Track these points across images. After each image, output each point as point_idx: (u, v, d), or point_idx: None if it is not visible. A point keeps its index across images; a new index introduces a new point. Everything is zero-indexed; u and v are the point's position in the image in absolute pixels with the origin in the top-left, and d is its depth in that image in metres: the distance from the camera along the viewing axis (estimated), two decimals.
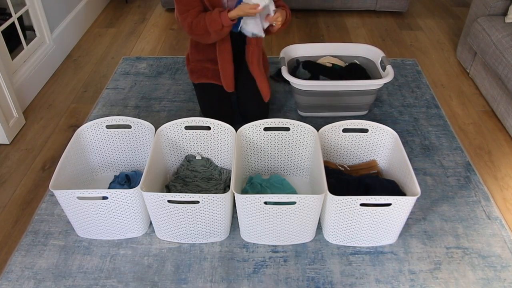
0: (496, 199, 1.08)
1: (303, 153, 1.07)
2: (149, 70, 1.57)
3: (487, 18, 1.42)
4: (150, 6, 2.08)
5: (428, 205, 1.05)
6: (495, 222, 1.01)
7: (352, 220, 0.89)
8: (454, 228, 0.99)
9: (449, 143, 1.24)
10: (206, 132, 1.06)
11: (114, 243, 0.96)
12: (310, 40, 1.79)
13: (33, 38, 1.48)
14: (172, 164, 1.11)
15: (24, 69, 1.40)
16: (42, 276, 0.89)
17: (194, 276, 0.89)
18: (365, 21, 1.94)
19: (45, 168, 1.17)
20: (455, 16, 1.99)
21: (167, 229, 0.93)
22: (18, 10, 1.40)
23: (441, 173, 1.14)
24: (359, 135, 1.06)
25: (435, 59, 1.66)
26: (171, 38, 1.81)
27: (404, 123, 1.32)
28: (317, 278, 0.89)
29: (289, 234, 0.93)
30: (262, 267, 0.91)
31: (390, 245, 0.95)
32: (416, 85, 1.49)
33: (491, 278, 0.89)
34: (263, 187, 1.06)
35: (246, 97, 1.26)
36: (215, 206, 0.88)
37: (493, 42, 1.33)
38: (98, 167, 1.11)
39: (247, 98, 1.25)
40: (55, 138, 1.28)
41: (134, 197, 0.89)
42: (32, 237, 0.97)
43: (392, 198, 0.85)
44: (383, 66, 1.30)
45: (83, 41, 1.79)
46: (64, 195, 0.87)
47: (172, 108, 1.38)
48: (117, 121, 1.04)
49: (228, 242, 0.96)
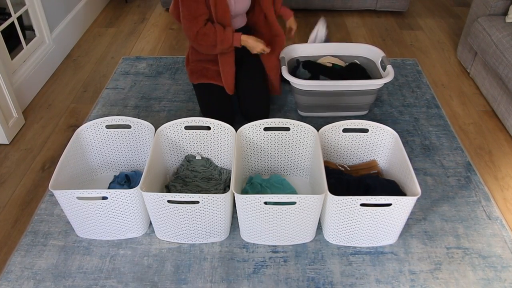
0: (496, 199, 1.08)
1: (303, 153, 1.07)
2: (149, 70, 1.56)
3: (488, 18, 1.42)
4: (149, 6, 2.08)
5: (429, 205, 1.05)
6: (495, 222, 1.01)
7: (352, 220, 0.89)
8: (454, 228, 0.99)
9: (450, 143, 1.24)
10: (206, 132, 1.06)
11: (114, 243, 0.96)
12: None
13: (33, 38, 1.48)
14: (172, 164, 1.11)
15: (23, 69, 1.40)
16: (42, 277, 0.89)
17: (194, 276, 0.89)
18: (365, 21, 1.94)
19: (45, 168, 1.17)
20: (455, 16, 1.98)
21: (167, 229, 0.93)
22: (17, 10, 1.39)
23: (441, 173, 1.14)
24: (359, 135, 1.06)
25: (436, 59, 1.66)
26: (171, 38, 1.81)
27: (404, 123, 1.31)
28: (317, 279, 0.88)
29: (289, 234, 0.93)
30: (262, 267, 0.91)
31: (391, 245, 0.95)
32: (416, 85, 1.49)
33: (492, 279, 0.89)
34: (263, 187, 1.06)
35: (247, 97, 1.25)
36: (215, 206, 0.87)
37: (494, 42, 1.33)
38: (97, 167, 1.11)
39: (248, 97, 1.25)
40: (55, 138, 1.28)
41: (134, 197, 0.88)
42: (32, 237, 0.97)
43: (393, 198, 0.84)
44: (383, 66, 1.29)
45: (83, 41, 1.79)
46: (63, 195, 0.87)
47: (172, 108, 1.37)
48: (116, 121, 1.04)
49: (228, 242, 0.96)
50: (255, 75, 1.28)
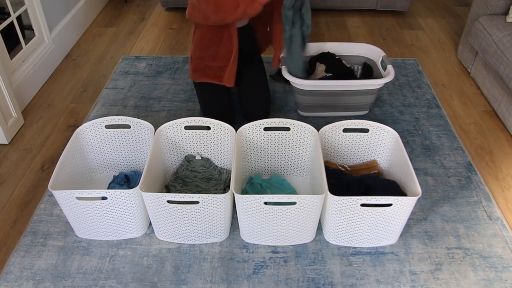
0: (497, 199, 1.08)
1: (303, 153, 1.07)
2: (149, 70, 1.56)
3: (489, 18, 1.41)
4: (149, 6, 2.07)
5: (429, 206, 1.05)
6: (496, 223, 1.00)
7: (353, 221, 0.89)
8: (455, 229, 0.99)
9: (450, 143, 1.23)
10: (206, 132, 1.06)
11: (114, 243, 0.95)
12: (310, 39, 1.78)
13: (32, 37, 1.48)
14: (172, 164, 1.10)
15: (23, 69, 1.39)
16: (41, 277, 0.88)
17: (194, 277, 0.88)
18: (365, 20, 1.94)
19: (44, 168, 1.17)
20: (456, 16, 1.98)
21: (167, 229, 0.92)
22: (17, 10, 1.39)
23: (442, 173, 1.13)
24: (359, 135, 1.06)
25: (436, 59, 1.65)
26: (171, 37, 1.80)
27: (404, 123, 1.31)
28: (317, 279, 0.88)
29: (289, 235, 0.92)
30: (262, 267, 0.90)
31: (391, 246, 0.95)
32: (417, 85, 1.48)
33: (492, 279, 0.88)
34: (263, 187, 1.06)
35: (249, 97, 1.25)
36: (215, 207, 0.87)
37: (494, 42, 1.33)
38: (97, 167, 1.10)
39: (250, 97, 1.25)
40: (54, 138, 1.27)
41: (134, 197, 0.88)
42: (31, 238, 0.96)
43: (393, 199, 0.84)
44: (383, 65, 1.29)
45: (82, 40, 1.78)
46: (63, 195, 0.86)
47: (172, 108, 1.37)
48: (116, 121, 1.04)
49: (228, 243, 0.95)
50: (257, 75, 1.27)
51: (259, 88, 1.25)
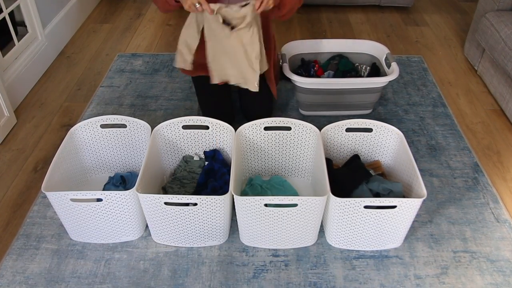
0: (505, 201, 1.06)
1: (305, 153, 1.05)
2: (145, 67, 1.54)
3: (496, 13, 1.38)
4: (146, 1, 2.04)
5: (435, 208, 1.03)
6: (504, 225, 0.98)
7: (356, 223, 0.87)
8: (461, 231, 0.97)
9: (457, 143, 1.21)
10: (204, 131, 1.04)
11: (109, 246, 0.94)
12: (312, 36, 1.76)
13: (25, 34, 1.46)
14: (169, 165, 1.09)
15: (15, 66, 1.37)
16: (34, 281, 0.87)
17: (192, 281, 0.87)
18: (369, 16, 1.91)
19: (37, 169, 1.14)
20: (462, 11, 1.95)
21: (164, 232, 0.91)
22: (9, 5, 1.37)
23: (448, 174, 1.11)
24: (363, 134, 1.04)
25: (442, 56, 1.63)
26: (168, 34, 1.78)
27: (409, 122, 1.29)
28: (319, 283, 0.86)
29: (291, 238, 0.91)
30: (263, 271, 0.89)
31: (395, 249, 0.93)
32: (422, 83, 1.46)
33: (500, 283, 0.87)
34: (264, 189, 1.04)
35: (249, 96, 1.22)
36: (214, 209, 0.86)
37: (502, 38, 1.30)
38: (92, 168, 1.09)
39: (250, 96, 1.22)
40: (48, 138, 1.25)
41: (130, 199, 0.87)
42: (24, 241, 0.95)
43: (397, 200, 0.83)
44: (388, 63, 1.27)
45: (77, 37, 1.75)
46: (57, 197, 0.85)
47: (169, 106, 1.35)
48: (111, 120, 1.02)
49: (227, 246, 0.94)
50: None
51: (260, 86, 1.22)
